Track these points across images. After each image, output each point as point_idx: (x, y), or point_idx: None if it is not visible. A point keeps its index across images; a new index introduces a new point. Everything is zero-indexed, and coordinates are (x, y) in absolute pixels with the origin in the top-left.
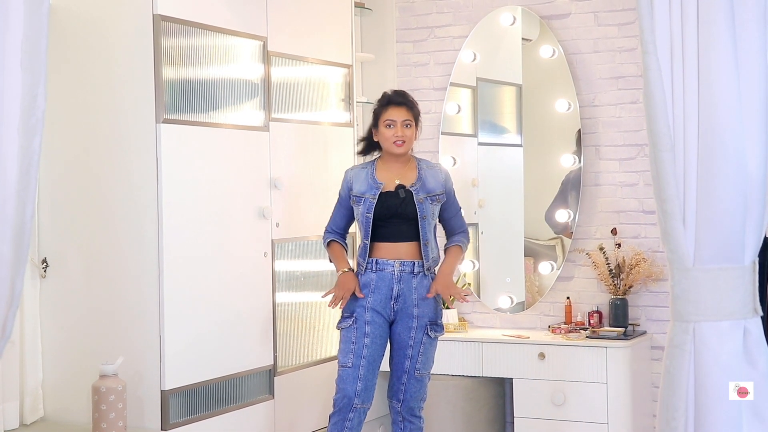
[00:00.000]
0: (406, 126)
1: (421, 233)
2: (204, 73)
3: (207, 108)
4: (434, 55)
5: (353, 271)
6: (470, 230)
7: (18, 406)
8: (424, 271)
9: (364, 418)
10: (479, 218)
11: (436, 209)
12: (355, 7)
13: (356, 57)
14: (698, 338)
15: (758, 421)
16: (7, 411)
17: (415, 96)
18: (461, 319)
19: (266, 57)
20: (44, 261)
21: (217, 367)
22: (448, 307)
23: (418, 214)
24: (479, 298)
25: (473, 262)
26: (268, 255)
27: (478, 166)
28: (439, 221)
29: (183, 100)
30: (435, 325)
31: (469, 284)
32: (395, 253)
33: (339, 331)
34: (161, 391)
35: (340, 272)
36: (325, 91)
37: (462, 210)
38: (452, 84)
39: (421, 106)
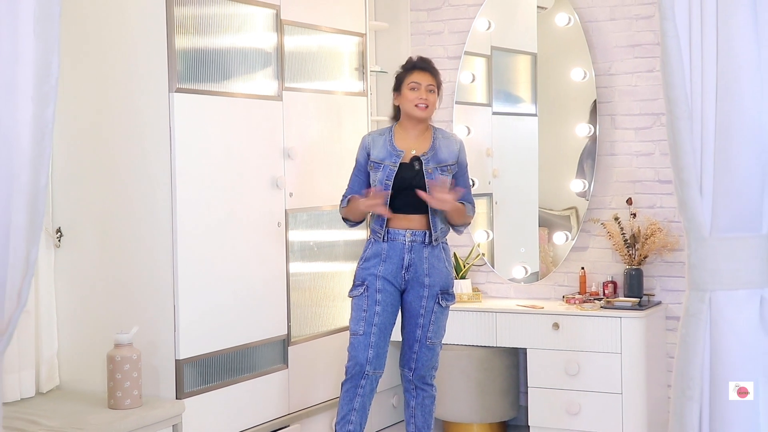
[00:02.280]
0: (430, 91)
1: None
2: (217, 42)
3: (220, 77)
4: (448, 24)
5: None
6: (484, 200)
7: (34, 375)
8: (433, 242)
9: (376, 385)
10: (493, 188)
11: (447, 180)
12: None
13: (370, 25)
14: (714, 307)
15: None
16: (23, 379)
17: None
18: (475, 289)
19: (279, 26)
20: (58, 230)
21: (231, 336)
22: (463, 277)
23: (427, 184)
24: (493, 268)
25: (487, 232)
26: (281, 225)
27: (492, 135)
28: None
29: (196, 70)
30: (446, 294)
31: (483, 254)
32: (407, 224)
33: (351, 299)
34: (176, 360)
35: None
36: (338, 60)
37: (472, 186)
38: (466, 53)
39: None
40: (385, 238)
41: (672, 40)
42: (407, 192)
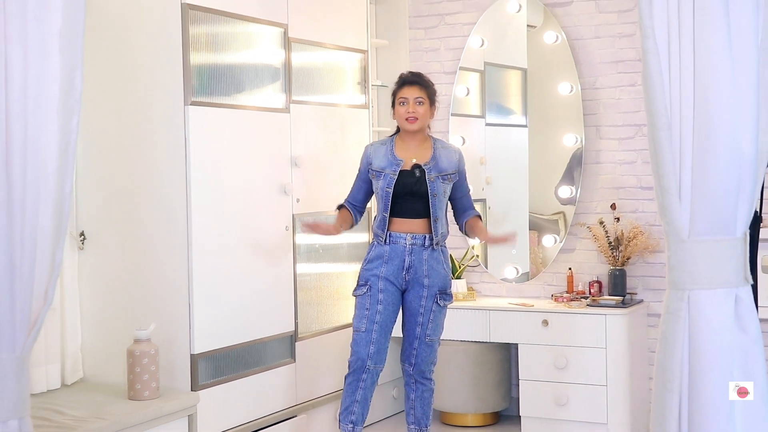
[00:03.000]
0: (419, 103)
1: (431, 210)
2: (229, 58)
3: (232, 91)
4: (445, 41)
5: (341, 229)
6: (478, 206)
7: (59, 368)
8: (433, 245)
9: (377, 379)
10: (486, 194)
11: (448, 188)
12: None
13: (371, 43)
14: (693, 305)
15: (748, 381)
16: (49, 372)
17: None
18: (470, 289)
19: (287, 43)
20: (82, 234)
21: (242, 332)
22: (459, 277)
23: (429, 191)
24: (486, 268)
25: None
26: (289, 228)
27: (485, 145)
28: (449, 200)
29: (209, 84)
30: (444, 294)
31: (477, 256)
32: (408, 228)
33: (354, 298)
34: (191, 354)
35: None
36: (342, 74)
37: (471, 191)
38: (461, 68)
39: None
40: (387, 241)
41: (652, 56)
42: (408, 198)
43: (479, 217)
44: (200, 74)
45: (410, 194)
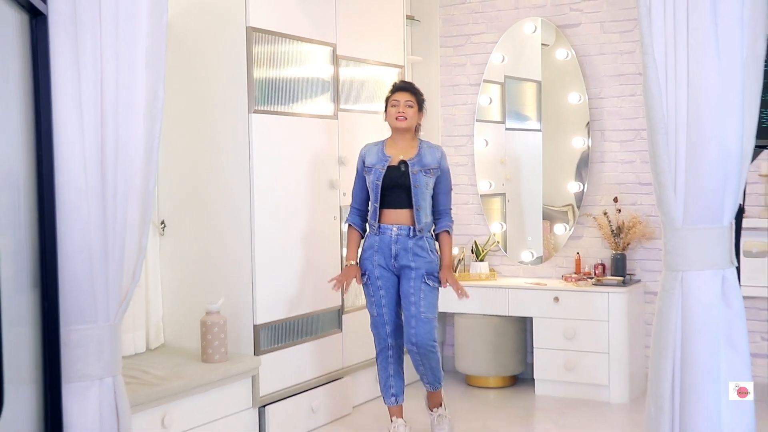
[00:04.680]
0: (408, 106)
1: (413, 200)
2: (286, 73)
3: (288, 101)
4: (470, 57)
5: (358, 263)
6: (499, 199)
7: (144, 335)
8: (416, 233)
9: (402, 352)
10: (506, 189)
11: (430, 181)
12: (406, 19)
13: (407, 59)
14: (685, 284)
15: (733, 351)
16: (136, 338)
17: (454, 90)
18: (491, 270)
19: (335, 59)
20: (163, 222)
21: (297, 306)
22: (482, 260)
23: (412, 183)
24: (506, 253)
25: (501, 224)
26: (336, 218)
27: (505, 147)
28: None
29: (269, 95)
30: (432, 276)
31: (498, 242)
32: (395, 219)
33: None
34: (253, 325)
35: (348, 264)
36: (382, 86)
37: (452, 192)
38: (485, 81)
39: (459, 99)
40: (377, 232)
41: (652, 70)
42: (395, 190)
43: (448, 232)
44: (261, 87)
45: (396, 186)
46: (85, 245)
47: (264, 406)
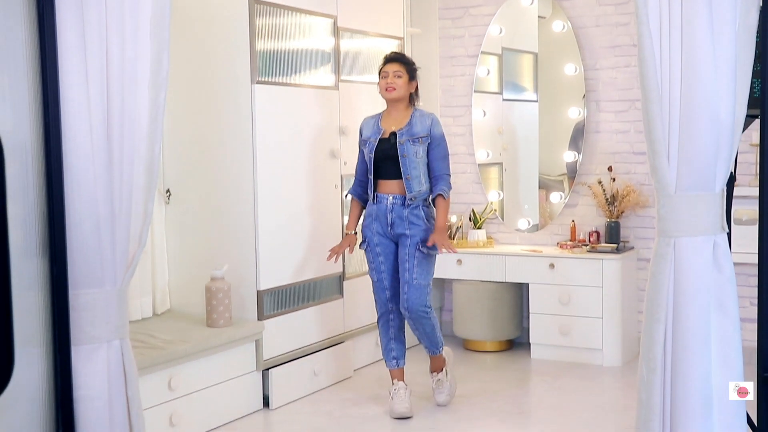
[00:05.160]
0: (397, 76)
1: (402, 169)
2: (288, 44)
3: (290, 72)
4: (468, 29)
5: (355, 233)
6: (496, 168)
7: (151, 300)
8: (409, 200)
9: (402, 318)
10: (503, 159)
11: (420, 149)
12: None
13: (407, 31)
14: (678, 250)
15: (723, 314)
16: (143, 304)
17: (453, 62)
18: (488, 238)
19: (336, 31)
20: (168, 191)
21: (299, 272)
22: (480, 228)
23: (399, 153)
24: (503, 221)
25: (499, 193)
26: (337, 187)
27: (503, 117)
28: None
29: (271, 66)
30: (426, 243)
31: (495, 210)
32: (389, 189)
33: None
34: (257, 290)
35: (347, 233)
36: (381, 58)
37: (449, 157)
38: (483, 52)
39: (457, 70)
40: (375, 201)
41: (647, 40)
42: (387, 161)
43: (443, 195)
44: (264, 58)
45: (387, 158)
46: (93, 211)
47: (267, 369)
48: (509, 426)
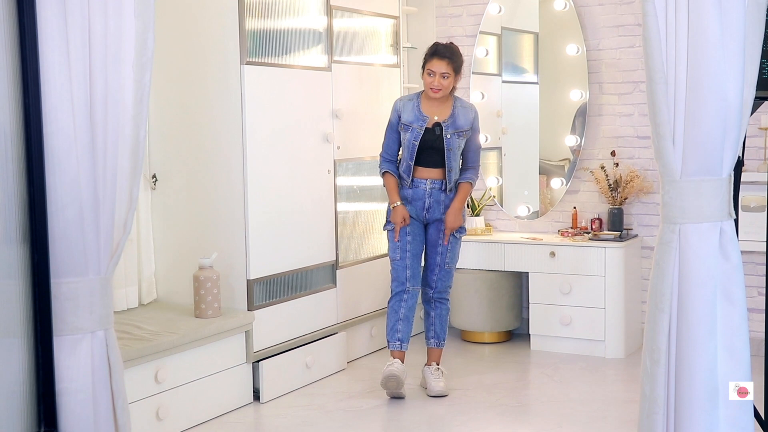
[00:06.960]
0: (444, 77)
1: (446, 162)
2: (279, 23)
3: (281, 52)
4: (466, 8)
5: (402, 203)
6: (495, 153)
7: (137, 290)
8: (447, 189)
9: (416, 300)
10: (503, 143)
11: (462, 142)
12: None
13: (402, 10)
14: (683, 237)
15: (729, 303)
16: (128, 294)
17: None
18: (487, 225)
19: (329, 10)
20: (154, 176)
21: (291, 261)
22: (478, 215)
23: (445, 146)
24: (502, 207)
25: (497, 179)
26: (330, 172)
27: (502, 100)
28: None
29: (262, 46)
30: (459, 228)
31: (494, 196)
32: (428, 175)
33: (386, 233)
34: (247, 280)
35: (394, 205)
36: (376, 38)
37: (481, 148)
38: (481, 32)
39: None
40: (411, 185)
41: (652, 18)
42: (429, 151)
43: (471, 183)
44: (254, 38)
45: (431, 148)
46: (75, 196)
47: (258, 361)
48: (508, 420)
